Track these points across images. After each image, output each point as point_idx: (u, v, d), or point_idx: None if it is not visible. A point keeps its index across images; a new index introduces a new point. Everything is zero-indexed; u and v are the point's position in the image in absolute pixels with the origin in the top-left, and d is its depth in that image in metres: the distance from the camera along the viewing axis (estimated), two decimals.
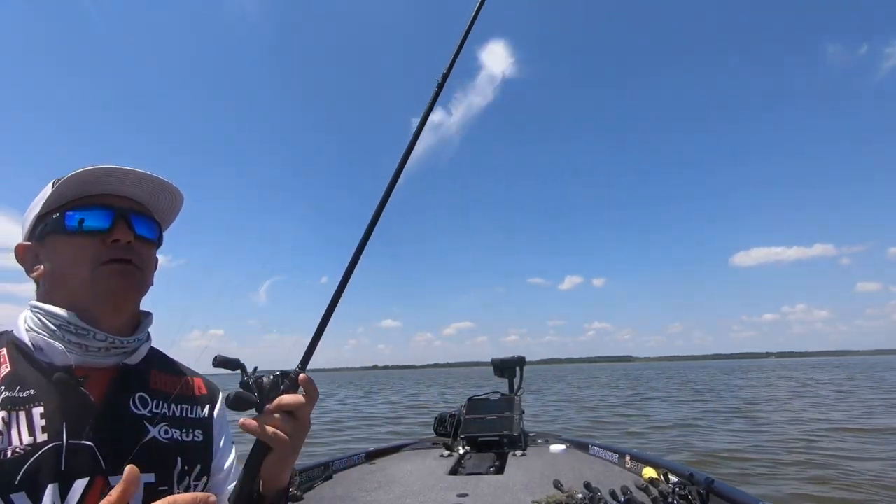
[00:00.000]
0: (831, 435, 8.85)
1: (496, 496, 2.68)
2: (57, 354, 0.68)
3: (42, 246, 0.74)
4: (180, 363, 0.87)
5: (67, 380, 0.67)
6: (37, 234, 0.74)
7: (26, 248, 0.76)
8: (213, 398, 0.86)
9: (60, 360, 0.68)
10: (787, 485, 5.77)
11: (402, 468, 3.44)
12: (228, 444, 0.88)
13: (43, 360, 0.68)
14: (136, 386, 0.75)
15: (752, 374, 41.51)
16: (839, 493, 5.41)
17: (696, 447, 8.18)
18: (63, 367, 0.68)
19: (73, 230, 0.71)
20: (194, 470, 0.76)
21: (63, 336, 0.68)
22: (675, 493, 2.26)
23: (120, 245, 0.72)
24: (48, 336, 0.68)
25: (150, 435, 0.72)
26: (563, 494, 2.44)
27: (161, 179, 0.77)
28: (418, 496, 2.74)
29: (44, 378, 0.66)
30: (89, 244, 0.71)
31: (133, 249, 0.74)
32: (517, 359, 4.75)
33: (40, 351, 0.68)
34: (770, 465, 6.75)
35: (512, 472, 3.22)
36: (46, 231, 0.73)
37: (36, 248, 0.75)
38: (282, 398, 0.66)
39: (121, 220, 0.74)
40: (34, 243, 0.75)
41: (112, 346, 0.72)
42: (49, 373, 0.67)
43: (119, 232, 0.73)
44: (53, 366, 0.68)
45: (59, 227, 0.72)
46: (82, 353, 0.70)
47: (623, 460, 3.26)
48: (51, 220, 0.73)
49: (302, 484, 2.81)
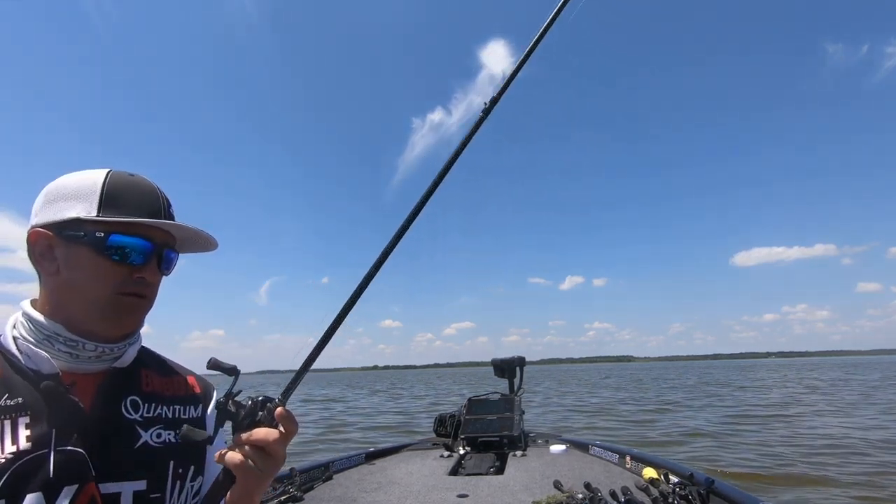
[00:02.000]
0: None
1: (496, 496, 2.68)
2: (43, 362, 0.67)
3: (65, 246, 0.70)
4: (172, 362, 0.87)
5: (55, 388, 0.66)
6: (66, 234, 0.69)
7: (42, 237, 0.70)
8: (206, 396, 0.86)
9: (47, 368, 0.67)
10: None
11: (402, 469, 3.44)
12: (221, 443, 0.88)
13: (30, 368, 0.67)
14: (126, 389, 0.74)
15: (769, 374, 39.98)
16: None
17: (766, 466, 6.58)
18: (50, 374, 0.67)
19: (107, 254, 0.69)
20: (188, 471, 0.76)
21: (52, 345, 0.68)
22: (675, 494, 2.26)
23: (144, 282, 0.72)
24: (34, 344, 0.68)
25: (141, 440, 0.71)
26: (564, 495, 2.44)
27: (204, 233, 0.76)
28: (418, 497, 2.74)
29: (31, 386, 0.66)
30: (118, 272, 0.70)
31: (152, 285, 0.74)
32: (517, 359, 4.75)
33: (27, 358, 0.68)
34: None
35: (512, 472, 3.21)
36: (79, 239, 0.69)
37: (54, 243, 0.70)
38: (253, 433, 0.63)
39: (154, 257, 0.73)
40: (56, 237, 0.70)
41: (103, 353, 0.71)
42: (36, 381, 0.66)
43: (149, 271, 0.72)
44: (40, 373, 0.67)
45: (97, 244, 0.69)
46: (71, 360, 0.69)
47: (623, 460, 3.25)
48: (91, 233, 0.69)
49: (302, 484, 2.81)
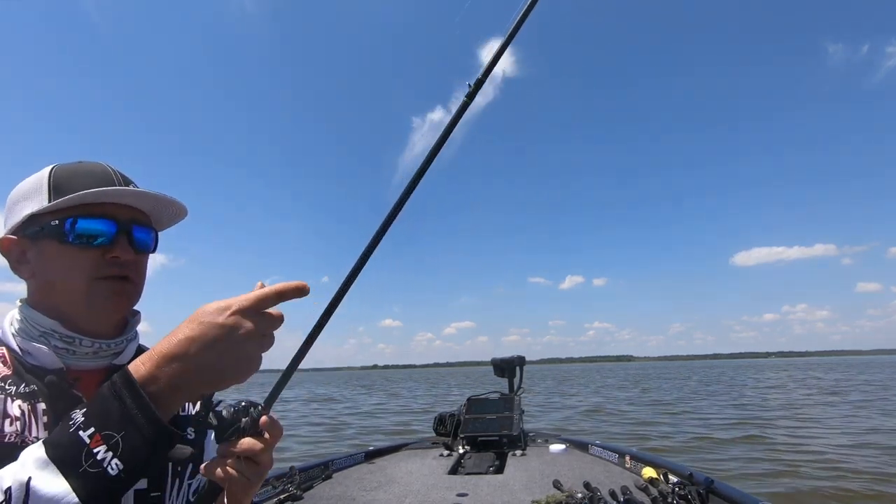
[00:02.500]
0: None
1: (496, 496, 2.67)
2: (45, 358, 0.67)
3: (33, 246, 0.69)
4: None
5: (59, 383, 0.66)
6: (28, 233, 0.69)
7: (12, 243, 0.70)
8: None
9: (50, 363, 0.67)
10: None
11: (401, 468, 3.44)
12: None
13: (33, 364, 0.67)
14: None
15: (773, 374, 39.01)
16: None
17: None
18: (54, 370, 0.67)
19: (70, 241, 0.67)
20: (186, 469, 0.76)
21: (49, 342, 0.67)
22: (674, 493, 2.26)
23: (119, 261, 0.69)
24: (33, 340, 0.67)
25: None
26: (563, 494, 2.43)
27: (166, 197, 0.73)
28: (418, 496, 2.74)
29: (37, 381, 0.65)
30: (87, 257, 0.67)
31: (131, 265, 0.71)
32: (517, 358, 4.74)
33: (29, 355, 0.67)
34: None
35: (512, 471, 3.21)
36: (41, 234, 0.68)
37: (24, 245, 0.70)
38: (239, 445, 0.60)
39: (122, 235, 0.70)
40: (23, 239, 0.70)
41: (100, 349, 0.71)
42: (41, 376, 0.66)
43: (120, 249, 0.69)
44: (44, 369, 0.66)
45: (57, 234, 0.67)
46: (69, 356, 0.69)
47: (623, 460, 3.25)
48: (47, 224, 0.67)
49: (301, 483, 2.81)
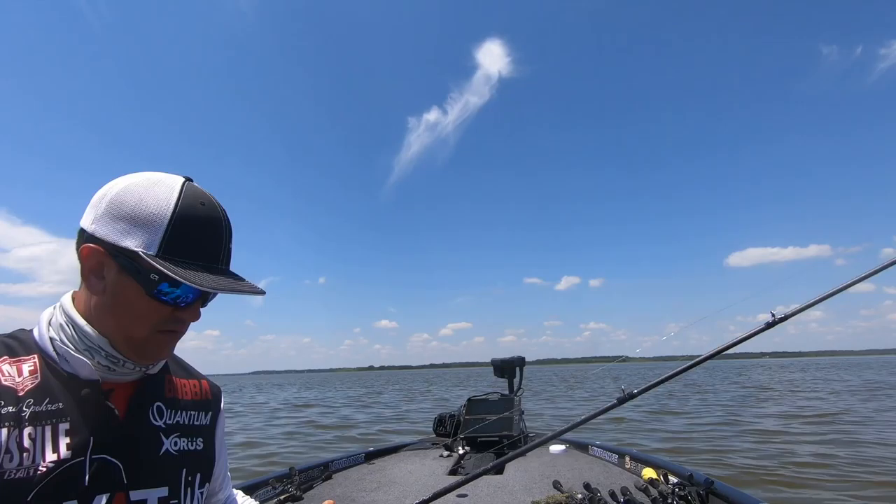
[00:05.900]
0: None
1: (495, 496, 2.67)
2: (83, 367, 0.66)
3: (116, 272, 0.66)
4: (188, 364, 0.86)
5: (94, 395, 0.66)
6: (118, 259, 0.65)
7: (100, 256, 0.65)
8: (216, 402, 0.86)
9: (86, 373, 0.67)
10: None
11: (401, 468, 3.44)
12: (223, 450, 0.88)
13: (68, 372, 0.66)
14: (153, 395, 0.74)
15: (765, 374, 38.67)
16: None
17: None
18: (89, 381, 0.67)
19: (153, 294, 0.65)
20: (196, 479, 0.76)
21: (93, 356, 0.67)
22: (674, 494, 2.25)
23: (182, 321, 0.70)
24: (74, 350, 0.67)
25: (163, 447, 0.72)
26: (563, 495, 2.43)
27: (257, 289, 0.69)
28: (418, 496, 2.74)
29: (69, 391, 0.65)
30: (160, 312, 0.67)
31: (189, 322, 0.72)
32: (517, 359, 4.74)
33: (65, 362, 0.67)
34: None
35: (511, 472, 3.21)
36: (132, 272, 0.64)
37: (108, 265, 0.66)
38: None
39: (199, 302, 0.71)
40: (109, 259, 0.65)
41: (139, 370, 0.72)
42: (75, 386, 0.65)
43: (191, 312, 0.70)
44: (79, 379, 0.66)
45: (146, 283, 0.64)
46: (108, 372, 0.69)
47: (623, 461, 3.25)
48: (143, 270, 0.64)
49: (301, 483, 2.81)
